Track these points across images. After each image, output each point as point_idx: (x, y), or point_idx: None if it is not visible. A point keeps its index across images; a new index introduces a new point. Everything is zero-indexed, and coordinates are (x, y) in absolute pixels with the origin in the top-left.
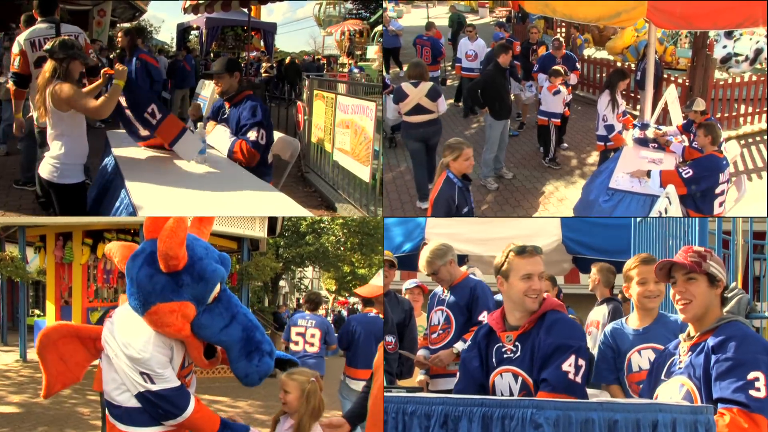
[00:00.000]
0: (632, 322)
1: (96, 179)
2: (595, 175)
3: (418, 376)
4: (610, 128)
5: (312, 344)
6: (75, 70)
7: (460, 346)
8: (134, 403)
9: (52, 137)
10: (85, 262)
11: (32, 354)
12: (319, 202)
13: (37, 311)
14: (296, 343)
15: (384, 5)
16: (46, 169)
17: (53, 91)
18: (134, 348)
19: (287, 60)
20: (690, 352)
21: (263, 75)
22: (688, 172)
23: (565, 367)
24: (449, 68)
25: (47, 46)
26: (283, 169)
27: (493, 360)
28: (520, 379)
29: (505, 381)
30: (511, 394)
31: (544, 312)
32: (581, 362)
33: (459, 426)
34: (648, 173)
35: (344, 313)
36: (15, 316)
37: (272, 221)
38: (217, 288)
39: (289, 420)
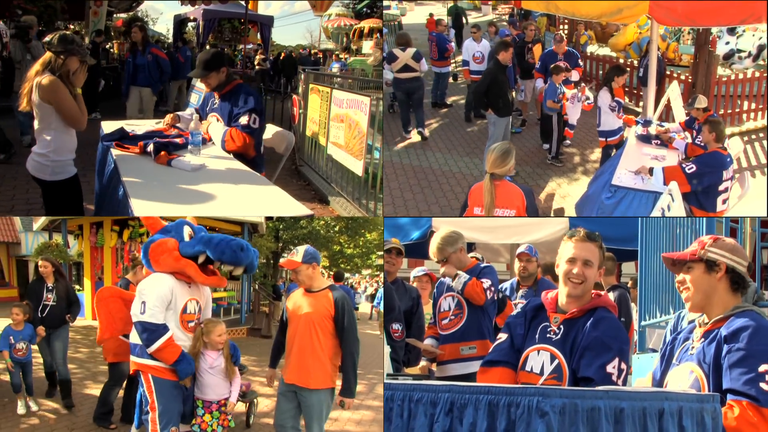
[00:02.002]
0: None
1: (97, 172)
2: (600, 173)
3: (421, 363)
4: (613, 109)
5: None
6: (71, 66)
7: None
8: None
9: (40, 132)
10: (114, 245)
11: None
12: (313, 195)
13: (77, 286)
14: None
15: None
16: (34, 166)
17: (42, 83)
18: (143, 284)
19: (283, 54)
20: (703, 339)
21: (257, 67)
22: (692, 167)
23: (609, 368)
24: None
25: (47, 39)
26: (277, 162)
27: (536, 336)
28: (556, 361)
29: (541, 359)
30: (542, 372)
31: (596, 306)
32: (623, 366)
33: (464, 413)
34: (650, 170)
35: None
36: None
37: None
38: (189, 230)
39: (220, 354)
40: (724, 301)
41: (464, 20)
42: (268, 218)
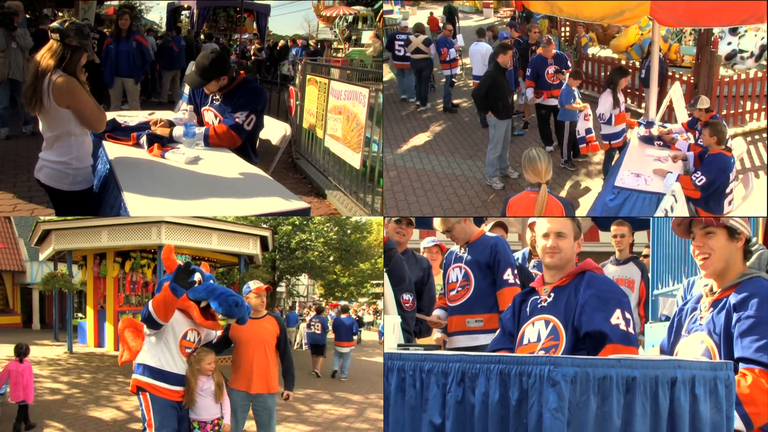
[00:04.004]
0: None
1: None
2: (609, 174)
3: (435, 334)
4: (610, 120)
5: (318, 330)
6: (82, 63)
7: None
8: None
9: (55, 139)
10: (116, 275)
11: (76, 347)
12: (309, 189)
13: (80, 314)
14: (311, 328)
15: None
16: (50, 174)
17: (58, 84)
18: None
19: (280, 44)
20: (711, 309)
21: (252, 58)
22: (702, 179)
23: (614, 320)
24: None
25: (56, 24)
26: (273, 155)
27: (527, 311)
28: (551, 324)
29: (536, 328)
30: (539, 339)
31: (583, 270)
32: (628, 315)
33: (476, 383)
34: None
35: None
36: (64, 318)
37: (264, 240)
38: (198, 277)
39: (210, 379)
40: (738, 269)
41: (457, 21)
42: (264, 249)
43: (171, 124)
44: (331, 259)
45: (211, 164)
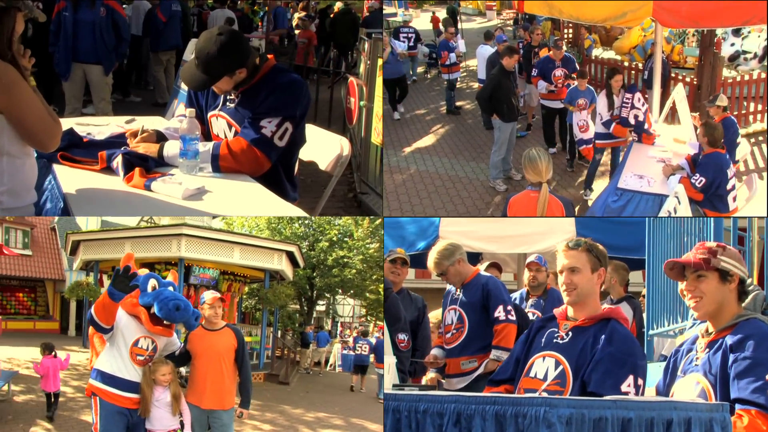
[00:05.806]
0: None
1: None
2: (612, 176)
3: (429, 374)
4: (608, 124)
5: (366, 351)
6: (17, 32)
7: (498, 354)
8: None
9: None
10: None
11: None
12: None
13: None
14: (357, 350)
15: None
16: None
17: None
18: None
19: (336, 8)
20: (707, 349)
21: (296, 33)
22: (701, 180)
23: (625, 387)
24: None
25: None
26: (322, 186)
27: (542, 340)
28: (560, 367)
29: (546, 365)
30: (545, 378)
31: (608, 317)
32: (640, 381)
33: (473, 424)
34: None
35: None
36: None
37: (291, 255)
38: (153, 283)
39: (166, 390)
40: (732, 311)
41: (459, 22)
42: (295, 265)
43: (161, 138)
44: (374, 278)
45: (224, 200)
